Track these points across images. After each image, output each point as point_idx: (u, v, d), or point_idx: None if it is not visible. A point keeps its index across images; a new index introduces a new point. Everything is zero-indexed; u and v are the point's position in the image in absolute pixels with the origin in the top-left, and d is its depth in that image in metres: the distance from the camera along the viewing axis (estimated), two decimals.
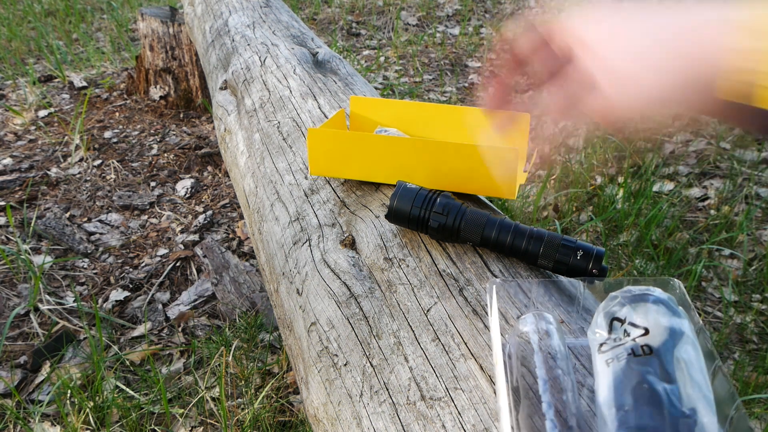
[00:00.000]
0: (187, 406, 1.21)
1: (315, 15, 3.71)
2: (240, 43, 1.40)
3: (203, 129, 2.38)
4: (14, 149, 2.17)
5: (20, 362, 1.32)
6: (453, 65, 3.05)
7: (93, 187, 1.98)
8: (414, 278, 0.60)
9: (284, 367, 1.30)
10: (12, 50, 3.08)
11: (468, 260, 0.61)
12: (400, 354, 0.53)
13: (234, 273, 1.57)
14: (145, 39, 2.45)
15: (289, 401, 1.23)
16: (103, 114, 2.45)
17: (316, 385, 0.59)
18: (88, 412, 1.16)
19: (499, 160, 0.67)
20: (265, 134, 1.00)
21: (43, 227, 1.73)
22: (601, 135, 2.16)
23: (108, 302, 1.50)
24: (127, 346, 1.38)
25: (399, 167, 0.71)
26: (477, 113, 0.85)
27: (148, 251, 1.70)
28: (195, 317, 1.46)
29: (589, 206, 1.85)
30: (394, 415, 0.50)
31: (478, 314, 0.54)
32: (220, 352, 1.31)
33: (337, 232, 0.71)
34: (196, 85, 2.48)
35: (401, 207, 0.63)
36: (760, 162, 2.02)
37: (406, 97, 2.65)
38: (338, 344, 0.59)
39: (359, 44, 3.33)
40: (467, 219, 0.61)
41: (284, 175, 0.88)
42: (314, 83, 1.10)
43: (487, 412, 0.46)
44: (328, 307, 0.63)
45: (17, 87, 2.65)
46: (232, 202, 1.94)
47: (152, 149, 2.22)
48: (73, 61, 2.99)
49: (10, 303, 1.47)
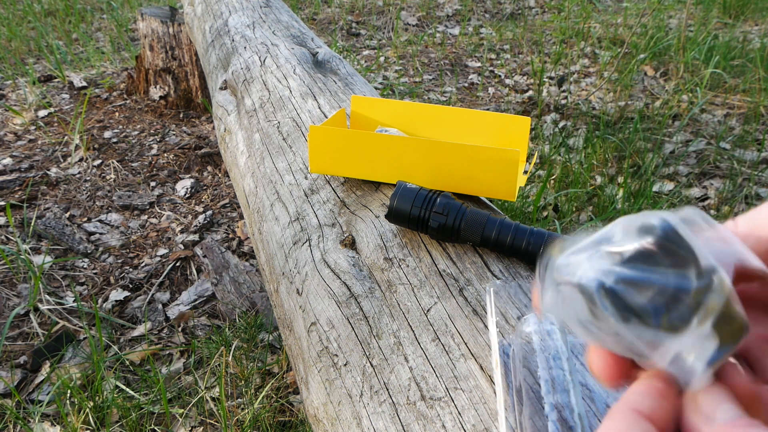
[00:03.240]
0: (187, 406, 1.21)
1: (315, 15, 3.71)
2: (240, 43, 1.40)
3: (203, 129, 2.38)
4: (14, 149, 2.17)
5: (20, 362, 1.32)
6: (453, 65, 3.05)
7: (93, 187, 1.98)
8: (414, 278, 0.60)
9: (284, 367, 1.30)
10: (12, 50, 3.08)
11: (468, 260, 0.61)
12: (400, 354, 0.53)
13: (234, 273, 1.57)
14: (145, 39, 2.45)
15: (289, 401, 1.23)
16: (103, 114, 2.44)
17: (316, 385, 0.59)
18: (88, 412, 1.16)
19: (499, 161, 0.67)
20: (265, 134, 1.00)
21: (43, 227, 1.73)
22: (601, 135, 2.16)
23: (108, 302, 1.50)
24: (127, 346, 1.38)
25: (399, 167, 0.71)
26: (477, 114, 0.85)
27: (148, 251, 1.70)
28: (195, 317, 1.46)
29: (589, 206, 1.85)
30: (394, 415, 0.50)
31: (478, 314, 0.54)
32: (220, 352, 1.31)
33: (337, 232, 0.71)
34: (196, 85, 2.48)
35: (401, 207, 0.63)
36: (760, 162, 2.02)
37: (406, 97, 2.65)
38: (338, 344, 0.59)
39: (359, 44, 3.33)
40: (467, 219, 0.61)
41: (284, 175, 0.88)
42: (314, 83, 1.10)
43: (487, 412, 0.46)
44: (328, 307, 0.63)
45: (17, 87, 2.65)
46: (232, 202, 1.94)
47: (152, 149, 2.22)
48: (73, 61, 2.99)
49: (10, 303, 1.47)
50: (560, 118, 2.45)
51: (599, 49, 3.16)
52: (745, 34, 3.18)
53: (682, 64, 2.74)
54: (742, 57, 2.79)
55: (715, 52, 2.78)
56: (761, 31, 3.25)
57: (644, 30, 3.20)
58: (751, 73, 2.61)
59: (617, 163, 2.07)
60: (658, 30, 3.19)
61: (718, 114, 2.39)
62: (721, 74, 2.61)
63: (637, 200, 1.79)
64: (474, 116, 0.85)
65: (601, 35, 3.31)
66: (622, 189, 1.85)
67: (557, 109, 2.52)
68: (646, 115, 2.41)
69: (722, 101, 2.48)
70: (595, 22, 3.51)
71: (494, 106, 2.60)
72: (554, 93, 2.70)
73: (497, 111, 1.91)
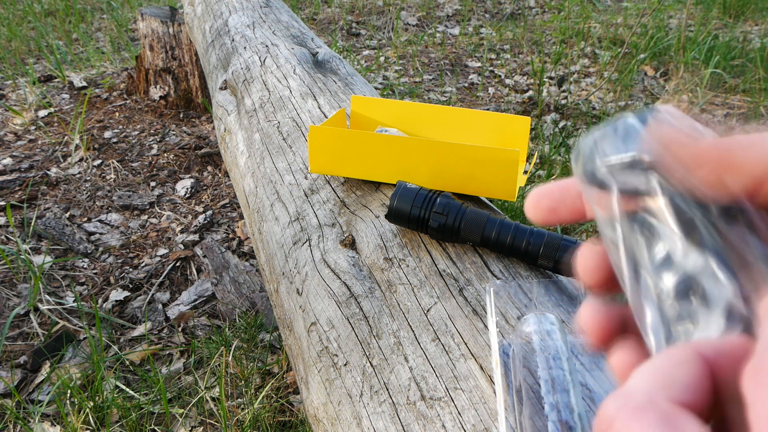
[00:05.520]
0: (187, 406, 1.21)
1: (315, 15, 3.71)
2: (240, 43, 1.40)
3: (203, 129, 2.38)
4: (14, 149, 2.17)
5: (20, 362, 1.32)
6: (453, 65, 3.05)
7: (93, 187, 1.98)
8: (414, 278, 0.60)
9: (284, 367, 1.30)
10: (12, 50, 3.08)
11: (468, 260, 0.61)
12: (400, 354, 0.53)
13: (234, 273, 1.57)
14: (145, 39, 2.45)
15: (289, 401, 1.23)
16: (103, 114, 2.44)
17: (316, 385, 0.59)
18: (88, 412, 1.16)
19: (499, 161, 0.67)
20: (265, 134, 1.00)
21: (43, 227, 1.73)
22: None
23: (108, 302, 1.50)
24: (127, 346, 1.38)
25: (399, 167, 0.71)
26: (477, 114, 0.85)
27: (148, 251, 1.70)
28: (195, 317, 1.46)
29: None
30: (394, 415, 0.50)
31: (478, 314, 0.54)
32: (220, 352, 1.31)
33: (337, 232, 0.71)
34: (196, 85, 2.48)
35: (401, 207, 0.63)
36: None
37: (406, 97, 2.64)
38: (338, 344, 0.59)
39: (359, 44, 3.33)
40: (467, 219, 0.61)
41: (284, 175, 0.88)
42: (314, 83, 1.10)
43: (487, 412, 0.46)
44: (328, 307, 0.63)
45: (17, 87, 2.65)
46: (232, 202, 1.94)
47: (152, 149, 2.22)
48: (73, 61, 2.99)
49: (10, 303, 1.47)
50: (560, 118, 2.45)
51: (599, 49, 3.16)
52: (745, 34, 3.18)
53: (682, 64, 2.75)
54: (742, 57, 2.79)
55: (715, 52, 2.78)
56: (761, 31, 3.25)
57: (644, 30, 3.20)
58: (751, 73, 2.61)
59: None
60: (658, 30, 3.19)
61: (718, 114, 2.39)
62: (721, 74, 2.62)
63: None
64: (474, 116, 0.85)
65: (601, 35, 3.31)
66: None
67: (557, 109, 2.52)
68: None
69: (722, 101, 2.48)
70: (595, 22, 3.51)
71: (494, 106, 2.60)
72: (554, 93, 2.70)
73: (497, 111, 1.91)
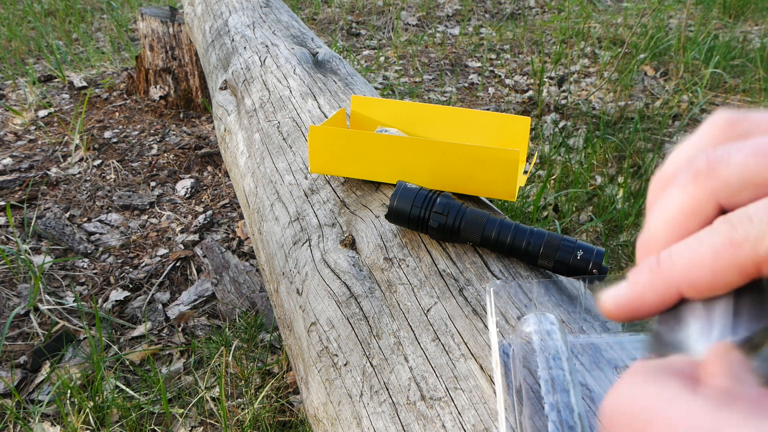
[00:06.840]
0: (187, 406, 1.21)
1: (315, 15, 3.71)
2: (240, 43, 1.40)
3: (203, 129, 2.38)
4: (14, 149, 2.17)
5: (20, 362, 1.32)
6: (453, 65, 3.05)
7: (93, 187, 1.98)
8: (414, 278, 0.60)
9: (284, 367, 1.30)
10: (12, 50, 3.08)
11: (468, 260, 0.61)
12: (400, 354, 0.53)
13: (234, 273, 1.57)
14: (145, 39, 2.45)
15: (289, 401, 1.23)
16: (103, 114, 2.44)
17: (316, 385, 0.59)
18: (88, 412, 1.16)
19: (499, 161, 0.67)
20: (265, 134, 1.00)
21: (43, 227, 1.73)
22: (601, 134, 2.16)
23: (108, 302, 1.50)
24: (127, 346, 1.38)
25: (399, 167, 0.71)
26: (477, 114, 0.85)
27: (148, 251, 1.70)
28: (195, 317, 1.46)
29: (589, 206, 1.85)
30: (394, 415, 0.50)
31: (478, 314, 0.54)
32: (220, 352, 1.31)
33: (337, 232, 0.71)
34: (196, 85, 2.48)
35: (401, 207, 0.63)
36: None
37: (406, 97, 2.64)
38: (338, 344, 0.59)
39: (359, 44, 3.33)
40: (467, 219, 0.61)
41: (284, 175, 0.88)
42: (314, 83, 1.10)
43: (487, 412, 0.46)
44: (328, 307, 0.63)
45: (17, 87, 2.65)
46: (232, 202, 1.94)
47: (152, 149, 2.22)
48: (73, 61, 2.99)
49: (10, 303, 1.47)
50: (560, 118, 2.45)
51: (599, 49, 3.16)
52: (745, 34, 3.18)
53: (682, 64, 2.75)
54: (742, 57, 2.79)
55: (715, 52, 2.78)
56: (761, 31, 3.25)
57: (644, 30, 3.20)
58: (751, 73, 2.61)
59: (617, 163, 2.07)
60: (658, 30, 3.19)
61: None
62: (721, 74, 2.62)
63: (637, 200, 1.79)
64: (474, 116, 0.85)
65: (601, 35, 3.31)
66: (622, 189, 1.85)
67: (557, 109, 2.52)
68: (646, 115, 2.41)
69: (722, 101, 2.48)
70: (595, 22, 3.51)
71: (494, 106, 2.60)
72: (554, 93, 2.70)
73: (497, 111, 1.91)
